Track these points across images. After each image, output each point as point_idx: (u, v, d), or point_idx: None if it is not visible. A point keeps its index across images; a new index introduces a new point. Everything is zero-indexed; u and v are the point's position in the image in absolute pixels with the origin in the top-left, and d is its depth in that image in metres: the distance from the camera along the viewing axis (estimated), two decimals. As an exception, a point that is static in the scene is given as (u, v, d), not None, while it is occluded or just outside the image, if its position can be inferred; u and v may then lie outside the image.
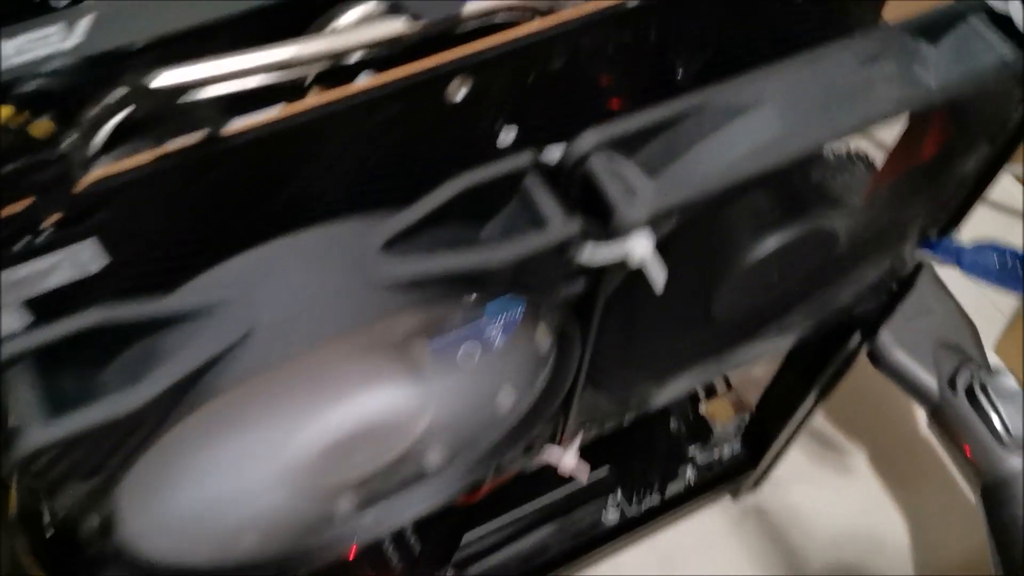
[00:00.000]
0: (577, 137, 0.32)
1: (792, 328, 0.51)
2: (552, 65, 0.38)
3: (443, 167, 0.40)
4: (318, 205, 0.37)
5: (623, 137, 0.32)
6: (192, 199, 0.34)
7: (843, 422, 1.04)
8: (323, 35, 0.36)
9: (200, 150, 0.33)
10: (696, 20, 0.41)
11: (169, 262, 0.35)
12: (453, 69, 0.36)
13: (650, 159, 0.33)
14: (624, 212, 0.30)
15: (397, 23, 0.36)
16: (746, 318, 0.46)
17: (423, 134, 0.37)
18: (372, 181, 0.38)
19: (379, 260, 0.28)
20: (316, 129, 0.35)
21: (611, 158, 0.32)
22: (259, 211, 0.36)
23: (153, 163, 0.32)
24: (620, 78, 0.41)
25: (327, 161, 0.36)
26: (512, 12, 0.38)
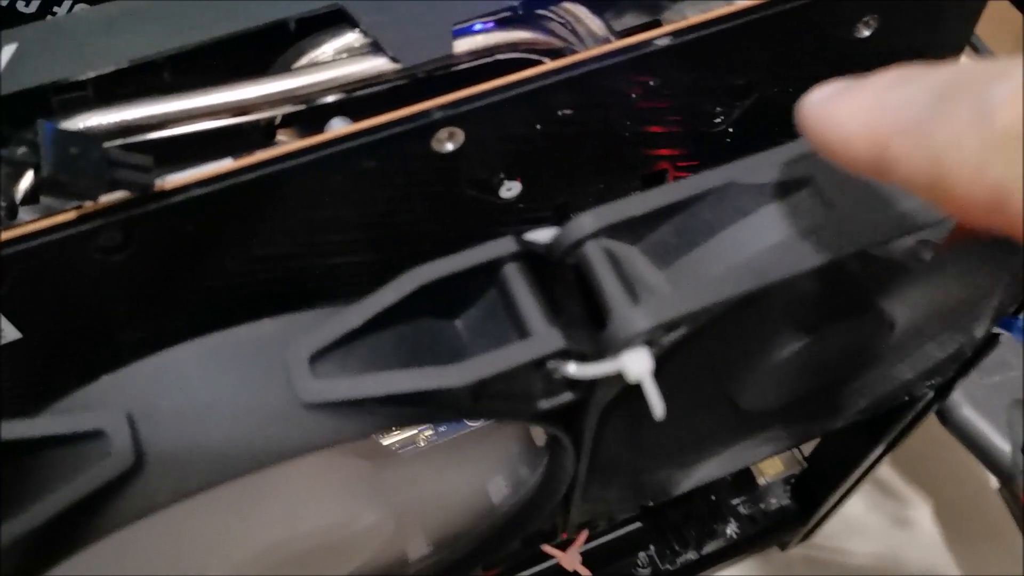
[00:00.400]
0: (571, 220, 0.26)
1: (842, 410, 0.44)
2: (563, 114, 0.32)
3: (426, 229, 0.34)
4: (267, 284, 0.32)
5: (629, 221, 0.26)
6: (114, 269, 0.29)
7: (906, 468, 0.96)
8: (290, 73, 0.31)
9: (128, 209, 0.28)
10: (740, 60, 0.34)
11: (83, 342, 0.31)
12: (441, 119, 0.30)
13: (660, 249, 0.27)
14: (622, 321, 0.24)
15: (378, 61, 0.31)
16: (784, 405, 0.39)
17: (402, 194, 0.32)
18: (334, 251, 0.32)
19: (306, 376, 0.23)
20: (272, 187, 0.29)
21: (612, 249, 0.26)
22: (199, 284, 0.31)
23: (68, 225, 0.27)
24: (645, 128, 0.35)
25: (283, 228, 0.31)
26: (519, 50, 0.33)
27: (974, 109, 0.18)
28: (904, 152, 0.19)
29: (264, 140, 0.33)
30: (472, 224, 0.35)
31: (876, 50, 0.36)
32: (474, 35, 0.31)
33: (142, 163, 0.27)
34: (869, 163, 0.20)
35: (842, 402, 0.43)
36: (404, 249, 0.35)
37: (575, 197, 0.38)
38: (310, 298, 0.35)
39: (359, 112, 0.32)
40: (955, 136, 0.18)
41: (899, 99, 0.20)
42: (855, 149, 0.21)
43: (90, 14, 0.30)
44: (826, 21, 0.34)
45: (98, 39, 0.29)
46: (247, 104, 0.30)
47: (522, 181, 0.34)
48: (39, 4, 0.36)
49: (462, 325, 0.27)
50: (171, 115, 0.29)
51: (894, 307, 0.35)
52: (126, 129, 0.29)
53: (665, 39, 0.31)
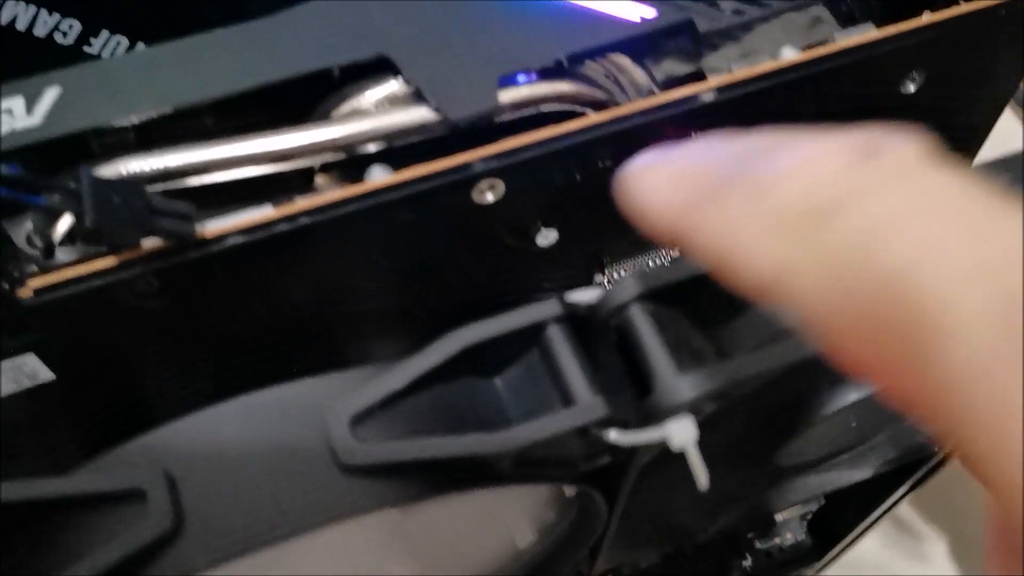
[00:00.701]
0: (616, 282, 0.26)
1: (872, 461, 0.43)
2: (604, 164, 0.32)
3: (461, 275, 0.34)
4: (299, 329, 0.32)
5: (675, 284, 0.26)
6: (149, 314, 0.28)
7: (922, 504, 0.95)
8: (332, 122, 0.30)
9: (168, 257, 0.28)
10: (784, 115, 0.34)
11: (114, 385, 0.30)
12: (483, 172, 0.30)
13: (705, 311, 0.26)
14: (667, 389, 0.24)
15: (421, 111, 0.31)
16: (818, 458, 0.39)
17: (439, 242, 0.32)
18: (368, 298, 0.32)
19: (347, 438, 0.23)
20: (311, 236, 0.29)
21: (656, 311, 0.25)
22: (232, 330, 0.31)
23: (106, 272, 0.27)
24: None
25: (318, 275, 0.30)
26: (562, 101, 0.32)
27: (755, 185, 0.17)
28: (698, 227, 0.18)
29: (302, 185, 0.32)
30: (508, 270, 0.35)
31: (922, 104, 0.36)
32: (518, 87, 0.31)
33: (183, 211, 0.27)
34: (672, 236, 0.19)
35: (873, 453, 0.43)
36: (438, 295, 0.35)
37: (611, 244, 0.38)
38: (342, 343, 0.35)
39: (398, 159, 0.32)
40: (738, 212, 0.17)
41: (699, 170, 0.19)
42: (659, 221, 0.20)
43: (133, 58, 0.30)
44: (873, 77, 0.33)
45: (141, 83, 0.29)
46: (289, 152, 0.30)
47: (559, 229, 0.34)
48: (76, 36, 0.36)
49: (502, 384, 0.26)
50: (213, 161, 0.29)
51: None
52: (167, 174, 0.29)
53: (710, 94, 0.31)
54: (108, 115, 0.28)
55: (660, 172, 0.20)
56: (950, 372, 0.14)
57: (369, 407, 0.23)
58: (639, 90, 0.33)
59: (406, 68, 0.31)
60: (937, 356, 0.14)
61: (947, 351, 0.14)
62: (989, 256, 0.14)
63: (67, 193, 0.25)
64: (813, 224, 0.16)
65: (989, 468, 0.14)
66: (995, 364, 0.13)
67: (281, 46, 0.30)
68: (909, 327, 0.14)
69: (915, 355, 0.14)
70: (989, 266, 0.14)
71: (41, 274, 0.27)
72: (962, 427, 0.14)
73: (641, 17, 0.32)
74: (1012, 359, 0.13)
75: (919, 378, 0.15)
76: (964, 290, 0.14)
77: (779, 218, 0.17)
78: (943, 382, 0.14)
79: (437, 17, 0.31)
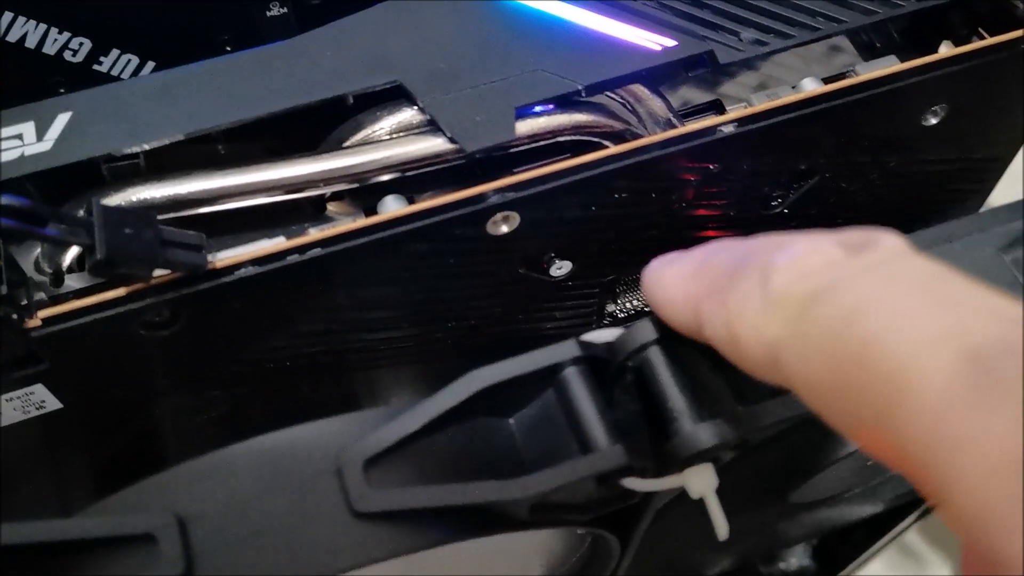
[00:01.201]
0: (634, 324, 0.25)
1: (885, 496, 0.43)
2: (620, 196, 0.32)
3: (473, 305, 0.34)
4: (308, 358, 0.32)
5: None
6: (158, 343, 0.28)
7: (928, 529, 0.94)
8: (346, 152, 0.30)
9: (178, 288, 0.27)
10: (805, 146, 0.34)
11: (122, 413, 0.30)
12: (498, 204, 0.29)
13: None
14: (688, 438, 0.23)
15: (436, 141, 0.30)
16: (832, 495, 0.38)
17: (452, 272, 0.31)
18: (378, 327, 0.32)
19: (361, 484, 0.22)
20: (323, 266, 0.28)
21: (674, 353, 0.25)
22: (241, 357, 0.30)
23: (116, 303, 0.27)
24: (701, 210, 0.34)
25: (329, 305, 0.30)
26: (580, 132, 0.32)
27: (757, 276, 0.20)
28: (709, 314, 0.21)
29: (313, 211, 0.32)
30: (520, 300, 0.35)
31: (943, 137, 0.35)
32: (535, 117, 0.30)
33: (195, 242, 0.27)
34: (688, 324, 0.22)
35: (884, 488, 0.42)
36: (449, 324, 0.34)
37: (623, 274, 0.38)
38: (350, 370, 0.34)
39: (412, 187, 0.32)
40: (743, 300, 0.20)
41: (709, 267, 0.22)
42: (676, 311, 0.23)
43: (145, 82, 0.30)
44: (896, 110, 0.33)
45: (153, 109, 0.29)
46: (302, 181, 0.29)
47: (573, 260, 0.33)
48: (86, 54, 0.36)
49: (516, 425, 0.26)
50: (224, 190, 0.29)
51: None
52: (177, 203, 0.28)
53: (730, 126, 0.31)
54: (119, 142, 0.28)
55: (678, 269, 0.23)
56: (913, 423, 0.15)
57: (383, 450, 0.23)
58: (657, 121, 0.33)
59: (421, 96, 0.30)
60: (901, 411, 0.16)
61: (911, 406, 0.16)
62: (953, 322, 0.16)
63: (77, 224, 0.24)
64: (806, 306, 0.18)
65: (948, 507, 0.15)
66: (953, 413, 0.15)
67: (295, 73, 0.30)
68: (880, 387, 0.16)
69: (885, 413, 0.16)
70: (952, 331, 0.16)
71: (50, 303, 0.27)
72: (924, 471, 0.15)
73: (661, 46, 0.31)
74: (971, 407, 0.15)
75: (889, 434, 0.16)
76: (927, 351, 0.16)
77: (777, 302, 0.19)
78: (908, 434, 0.16)
79: (453, 45, 0.31)
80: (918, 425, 0.15)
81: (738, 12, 0.32)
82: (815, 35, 0.32)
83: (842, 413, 0.18)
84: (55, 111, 0.28)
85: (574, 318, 0.37)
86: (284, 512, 0.22)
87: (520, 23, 0.32)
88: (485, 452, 0.25)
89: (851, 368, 0.17)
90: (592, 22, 0.32)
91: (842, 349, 0.17)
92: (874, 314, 0.17)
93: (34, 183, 0.28)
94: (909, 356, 0.16)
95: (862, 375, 0.17)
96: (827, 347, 0.18)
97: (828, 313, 0.18)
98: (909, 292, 0.17)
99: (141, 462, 0.34)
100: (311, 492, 0.22)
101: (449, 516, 0.23)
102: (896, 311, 0.17)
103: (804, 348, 0.18)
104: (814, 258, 0.19)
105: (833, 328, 0.17)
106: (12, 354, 0.26)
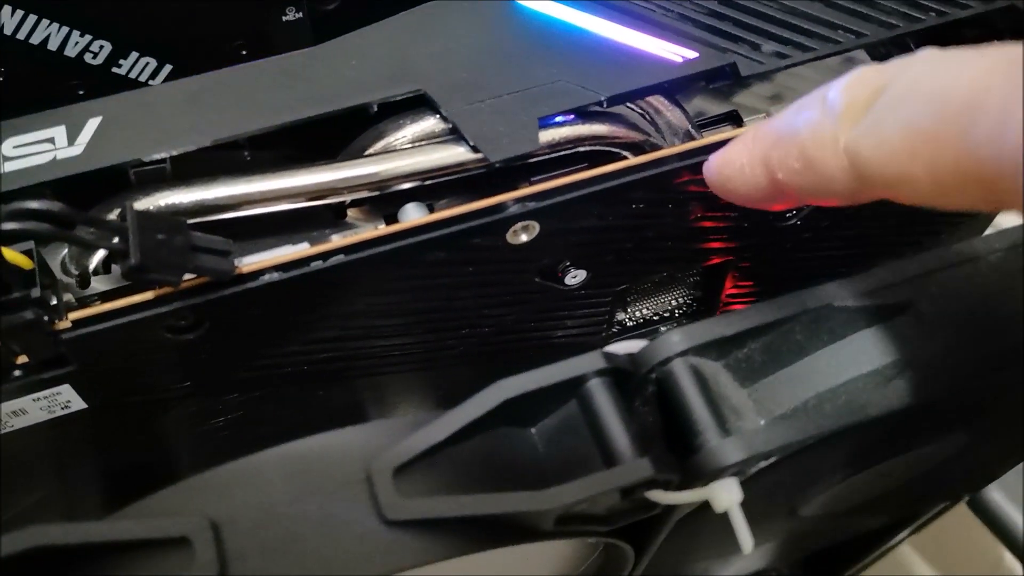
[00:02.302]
0: (659, 336, 0.25)
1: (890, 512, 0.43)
2: (638, 207, 0.32)
3: (488, 313, 0.34)
4: (324, 363, 0.32)
5: (718, 340, 0.25)
6: (181, 346, 0.28)
7: (920, 545, 0.95)
8: (369, 160, 0.30)
9: (205, 293, 0.27)
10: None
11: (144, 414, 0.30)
12: (518, 213, 0.30)
13: (745, 366, 0.26)
14: (713, 452, 0.24)
15: (458, 150, 0.30)
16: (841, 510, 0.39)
17: (469, 281, 0.31)
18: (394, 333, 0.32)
19: (391, 492, 0.22)
20: (344, 273, 0.29)
21: (698, 366, 0.25)
22: (259, 362, 0.31)
23: (143, 307, 0.27)
24: (717, 221, 0.34)
25: (347, 312, 0.30)
26: (600, 143, 0.32)
27: (819, 106, 0.23)
28: (780, 156, 0.24)
29: (334, 220, 0.32)
30: (533, 309, 0.35)
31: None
32: (557, 127, 0.31)
33: (222, 248, 0.27)
34: (759, 181, 0.25)
35: (889, 502, 0.43)
36: (462, 332, 0.35)
37: (636, 283, 0.38)
38: (361, 376, 0.34)
39: (428, 194, 0.32)
40: (812, 127, 0.23)
41: (768, 127, 0.25)
42: (746, 175, 0.25)
43: (172, 88, 0.30)
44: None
45: (180, 116, 0.29)
46: (326, 188, 0.30)
47: (587, 269, 0.34)
48: (106, 56, 0.36)
49: (538, 434, 0.26)
50: (249, 196, 0.29)
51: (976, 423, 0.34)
52: (203, 208, 0.29)
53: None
54: (148, 147, 0.28)
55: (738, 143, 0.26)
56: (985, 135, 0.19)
57: (412, 459, 0.23)
58: (675, 132, 0.33)
59: (445, 105, 0.30)
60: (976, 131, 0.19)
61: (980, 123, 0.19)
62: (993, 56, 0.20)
63: (110, 228, 0.24)
64: (872, 100, 0.21)
65: None
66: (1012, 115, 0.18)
67: (319, 81, 0.30)
68: (952, 125, 0.19)
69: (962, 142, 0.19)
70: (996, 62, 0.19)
71: (78, 306, 0.27)
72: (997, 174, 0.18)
73: (683, 58, 0.32)
74: None
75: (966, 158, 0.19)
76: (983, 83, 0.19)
77: (845, 111, 0.22)
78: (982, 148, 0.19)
79: (476, 55, 0.31)
80: (990, 130, 0.18)
81: (759, 24, 0.33)
82: (835, 48, 0.33)
83: (926, 165, 0.20)
84: (85, 116, 0.28)
85: (585, 326, 0.38)
86: (315, 518, 0.23)
87: (543, 34, 0.32)
88: (508, 462, 0.25)
89: (925, 122, 0.20)
90: (614, 33, 0.32)
91: (913, 112, 0.20)
92: (931, 78, 0.20)
93: (59, 187, 0.28)
94: (968, 88, 0.19)
95: (933, 123, 0.19)
96: (900, 116, 0.20)
97: (894, 94, 0.21)
98: (951, 54, 0.20)
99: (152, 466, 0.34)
100: (341, 499, 0.23)
101: (476, 525, 0.23)
102: (946, 67, 0.20)
103: (882, 131, 0.21)
104: (866, 71, 0.22)
105: (901, 102, 0.20)
106: (42, 356, 0.26)
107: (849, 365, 0.26)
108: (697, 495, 0.24)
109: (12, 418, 0.28)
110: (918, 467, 0.35)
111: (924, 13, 0.34)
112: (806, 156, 0.23)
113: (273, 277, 0.28)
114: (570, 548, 0.36)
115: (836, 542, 0.46)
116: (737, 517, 0.24)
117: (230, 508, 0.22)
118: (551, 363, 0.24)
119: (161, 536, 0.22)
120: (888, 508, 0.42)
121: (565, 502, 0.23)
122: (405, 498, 0.22)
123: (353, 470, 0.23)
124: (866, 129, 0.21)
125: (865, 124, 0.21)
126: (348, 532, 0.22)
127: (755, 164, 0.25)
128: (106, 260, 0.30)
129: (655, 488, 0.24)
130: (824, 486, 0.32)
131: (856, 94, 0.22)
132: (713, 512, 0.25)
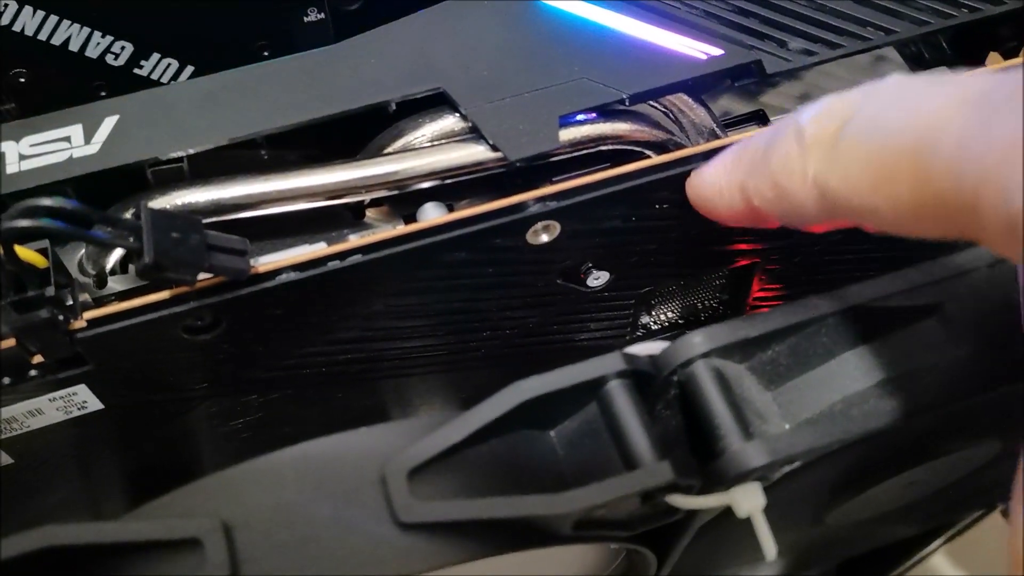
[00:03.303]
0: (682, 338, 0.25)
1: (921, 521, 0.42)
2: (661, 207, 0.31)
3: (508, 315, 0.34)
4: (343, 365, 0.32)
5: (740, 342, 0.25)
6: (198, 346, 0.28)
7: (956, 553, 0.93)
8: (388, 159, 0.30)
9: (222, 293, 0.27)
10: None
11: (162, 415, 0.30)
12: (539, 213, 0.29)
13: (770, 368, 0.25)
14: (736, 457, 0.23)
15: (478, 148, 0.30)
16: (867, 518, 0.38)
17: (489, 282, 0.31)
18: (414, 335, 0.32)
19: (405, 495, 0.22)
20: (362, 273, 0.28)
21: (720, 368, 0.25)
22: (278, 363, 0.30)
23: (159, 306, 0.27)
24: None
25: (366, 313, 0.30)
26: (622, 142, 0.32)
27: (791, 135, 0.23)
28: (756, 183, 0.24)
29: (353, 219, 0.32)
30: (555, 311, 0.34)
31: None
32: (578, 125, 0.30)
33: (238, 247, 0.27)
34: (735, 204, 0.26)
35: (921, 511, 0.42)
36: (484, 334, 0.34)
37: (660, 286, 0.38)
38: (381, 378, 0.34)
39: (448, 194, 0.32)
40: (784, 157, 0.23)
41: (744, 151, 0.25)
42: (724, 197, 0.26)
43: (189, 87, 0.30)
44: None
45: (198, 114, 0.29)
46: (344, 187, 0.29)
47: (610, 271, 0.33)
48: (128, 57, 0.36)
49: (557, 437, 0.26)
50: (266, 195, 0.29)
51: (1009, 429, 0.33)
52: (220, 207, 0.28)
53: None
54: (165, 146, 0.28)
55: (716, 165, 0.27)
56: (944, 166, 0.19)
57: (427, 461, 0.22)
58: (700, 131, 0.32)
59: (464, 104, 0.30)
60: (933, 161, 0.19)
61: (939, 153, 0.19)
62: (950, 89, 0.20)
63: (126, 227, 0.24)
64: (837, 134, 0.22)
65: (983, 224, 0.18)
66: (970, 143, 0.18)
67: (338, 79, 0.30)
68: (909, 157, 0.20)
69: (922, 174, 0.19)
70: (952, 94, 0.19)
71: (94, 305, 0.27)
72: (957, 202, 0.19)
73: (707, 55, 0.31)
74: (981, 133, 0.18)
75: (927, 189, 0.19)
76: (938, 114, 0.19)
77: (813, 144, 0.22)
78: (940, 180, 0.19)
79: (496, 53, 0.31)
80: (948, 165, 0.19)
81: (786, 21, 0.32)
82: (865, 45, 0.32)
83: (887, 198, 0.20)
84: (102, 114, 0.28)
85: (608, 329, 0.37)
86: (328, 520, 0.22)
87: (564, 31, 0.31)
88: (526, 465, 0.24)
89: (886, 155, 0.20)
90: (637, 30, 0.32)
91: (874, 145, 0.21)
92: (893, 111, 0.21)
93: (77, 185, 0.28)
94: (926, 125, 0.19)
95: (894, 157, 0.20)
96: (863, 149, 0.21)
97: (857, 127, 0.21)
98: (913, 84, 0.21)
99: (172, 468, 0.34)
100: (355, 501, 0.22)
101: (492, 528, 0.23)
102: (906, 101, 0.20)
103: (846, 164, 0.21)
104: (833, 102, 0.23)
105: (864, 135, 0.21)
106: (58, 355, 0.26)
107: (876, 369, 0.25)
108: (719, 500, 0.23)
109: (28, 418, 0.28)
110: (951, 474, 0.34)
111: (956, 9, 0.33)
112: (779, 186, 0.23)
113: (290, 277, 0.28)
114: (591, 553, 0.35)
115: (869, 550, 0.45)
116: (760, 523, 0.23)
117: (244, 508, 0.22)
118: (572, 365, 0.24)
119: (173, 537, 0.21)
120: (921, 516, 0.41)
121: (583, 506, 0.22)
122: (419, 500, 0.22)
123: (368, 471, 0.23)
124: (832, 162, 0.22)
125: (831, 156, 0.22)
126: (361, 535, 0.22)
127: (732, 189, 0.26)
128: (124, 260, 0.30)
129: (676, 492, 0.23)
130: (851, 492, 0.31)
131: (823, 125, 0.22)
132: (736, 518, 0.25)
